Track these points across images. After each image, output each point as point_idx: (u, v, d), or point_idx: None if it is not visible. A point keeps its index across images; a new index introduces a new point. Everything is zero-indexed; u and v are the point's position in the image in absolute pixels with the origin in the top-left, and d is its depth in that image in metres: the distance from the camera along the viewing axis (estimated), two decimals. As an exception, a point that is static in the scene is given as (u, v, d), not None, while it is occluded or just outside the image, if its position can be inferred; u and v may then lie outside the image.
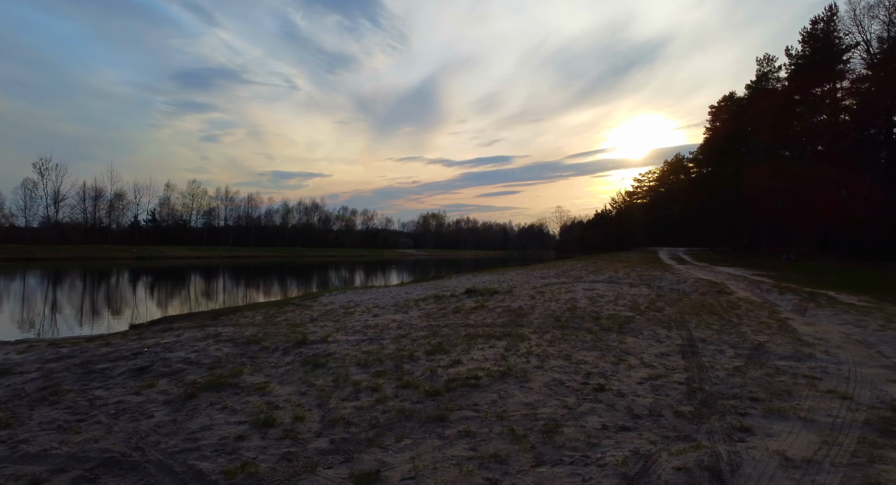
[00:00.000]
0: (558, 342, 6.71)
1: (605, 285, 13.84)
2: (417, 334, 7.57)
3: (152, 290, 27.19)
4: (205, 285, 31.00)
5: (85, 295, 23.35)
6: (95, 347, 6.99)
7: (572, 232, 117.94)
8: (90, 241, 77.99)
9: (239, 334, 7.70)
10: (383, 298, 13.72)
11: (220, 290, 27.96)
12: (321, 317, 10.13)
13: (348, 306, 11.77)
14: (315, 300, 13.81)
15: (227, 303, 19.66)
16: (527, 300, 11.14)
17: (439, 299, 12.12)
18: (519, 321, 8.55)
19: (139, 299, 21.70)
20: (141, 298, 22.23)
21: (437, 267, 62.27)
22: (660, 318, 8.59)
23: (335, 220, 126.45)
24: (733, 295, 11.74)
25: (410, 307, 11.01)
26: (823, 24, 37.61)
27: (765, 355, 5.70)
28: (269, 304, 14.50)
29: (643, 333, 7.25)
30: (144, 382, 5.01)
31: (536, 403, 4.16)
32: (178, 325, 11.14)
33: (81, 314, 16.93)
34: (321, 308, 11.93)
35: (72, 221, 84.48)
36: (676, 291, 12.57)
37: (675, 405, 4.00)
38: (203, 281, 34.32)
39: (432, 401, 4.26)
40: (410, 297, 13.26)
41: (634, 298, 11.01)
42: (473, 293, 12.67)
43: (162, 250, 76.42)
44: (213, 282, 33.80)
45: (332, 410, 4.09)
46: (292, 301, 14.18)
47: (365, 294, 14.99)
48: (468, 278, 19.55)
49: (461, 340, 7.03)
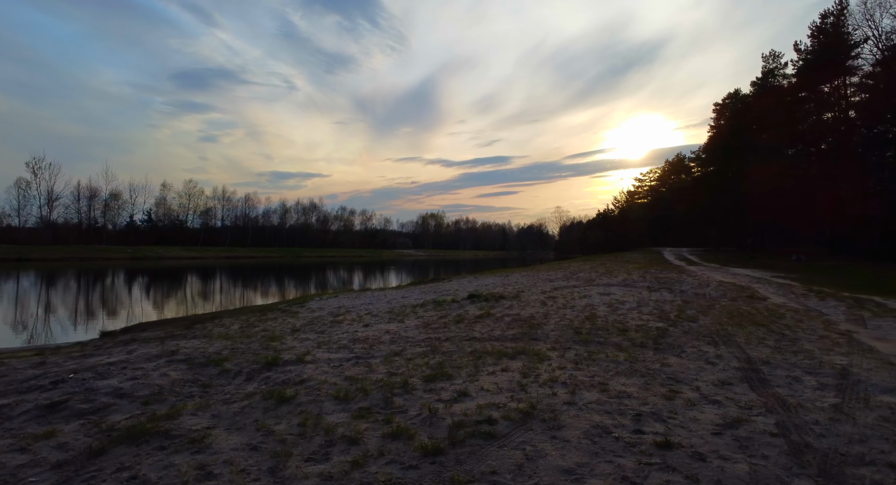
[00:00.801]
0: (586, 363, 5.46)
1: (621, 289, 12.59)
2: (414, 351, 6.32)
3: (140, 292, 25.91)
4: (195, 288, 29.72)
5: (65, 298, 22.07)
6: (21, 369, 5.73)
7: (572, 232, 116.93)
8: (85, 241, 76.68)
9: (200, 352, 6.45)
10: (378, 303, 12.48)
11: (210, 292, 26.68)
12: (305, 327, 8.88)
13: (338, 313, 10.52)
14: (303, 306, 12.56)
15: (213, 307, 18.40)
16: (538, 307, 9.89)
17: (439, 305, 10.88)
18: (533, 333, 7.31)
19: (121, 303, 20.41)
20: (123, 302, 20.95)
21: (437, 268, 61.01)
22: (698, 330, 7.34)
23: (333, 220, 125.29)
24: (767, 301, 10.50)
25: (407, 315, 9.77)
26: (833, 18, 36.45)
27: (859, 387, 4.45)
28: (252, 309, 13.25)
29: (686, 351, 6.00)
30: (46, 427, 3.75)
31: (580, 469, 2.91)
32: (148, 334, 9.93)
33: (51, 319, 15.65)
34: (308, 315, 10.68)
35: (66, 221, 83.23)
36: (702, 296, 11.33)
37: (786, 478, 2.75)
38: (195, 283, 33.03)
39: (431, 464, 3.01)
40: (407, 302, 12.01)
41: (659, 305, 9.77)
42: (477, 298, 11.42)
43: (157, 251, 75.09)
44: (205, 284, 32.52)
45: (289, 480, 2.84)
46: (278, 306, 12.92)
47: (358, 299, 13.74)
48: (469, 281, 18.30)
49: (466, 359, 5.78)
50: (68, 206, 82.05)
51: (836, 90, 36.35)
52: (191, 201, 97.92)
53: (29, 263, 49.91)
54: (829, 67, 34.40)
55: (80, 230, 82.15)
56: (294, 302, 13.90)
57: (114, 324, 14.82)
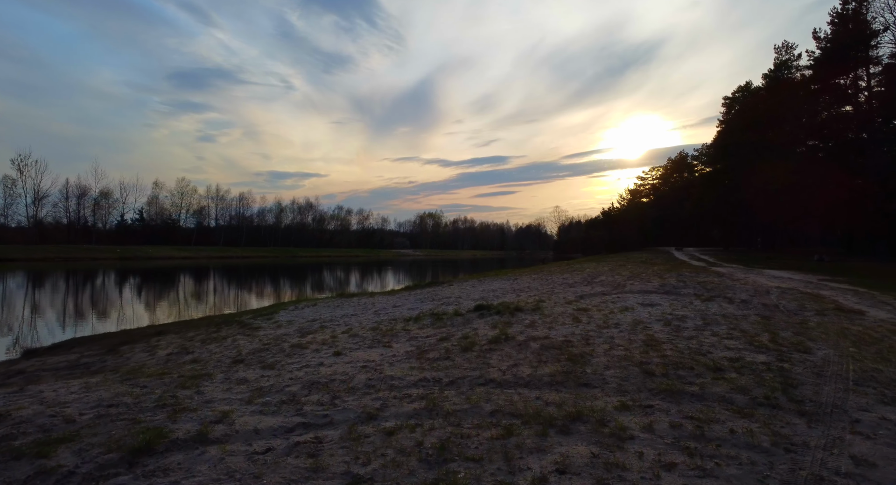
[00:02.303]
0: (700, 448, 3.03)
1: (665, 299, 10.14)
2: (399, 410, 3.90)
3: (105, 297, 23.39)
4: (170, 291, 27.22)
5: (13, 303, 19.53)
6: None
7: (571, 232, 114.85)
8: (73, 240, 74.21)
9: (52, 412, 3.99)
10: (363, 314, 10.04)
11: (182, 297, 24.17)
12: (254, 355, 6.43)
13: (307, 331, 8.08)
14: (270, 318, 10.12)
15: (174, 315, 15.93)
16: (571, 325, 7.44)
17: (438, 320, 8.43)
18: (579, 373, 4.86)
19: (72, 311, 17.90)
20: (84, 309, 18.45)
21: (434, 268, 58.53)
22: (831, 370, 4.89)
23: (330, 219, 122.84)
24: (867, 316, 8.06)
25: (396, 334, 7.32)
26: (855, 3, 34.26)
27: None
28: (209, 321, 10.79)
29: (861, 421, 3.57)
30: None
31: None
32: (57, 358, 7.55)
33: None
34: (269, 333, 8.23)
35: (55, 220, 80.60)
36: (774, 307, 8.89)
37: None
38: (173, 285, 30.52)
39: None
40: (399, 314, 9.57)
41: (734, 323, 7.32)
42: (487, 311, 8.96)
43: (147, 251, 72.55)
44: (184, 286, 30.00)
45: None
46: (239, 319, 10.47)
47: (340, 308, 11.29)
48: (473, 285, 15.82)
49: (487, 433, 3.35)
50: (56, 204, 79.39)
51: (857, 80, 34.08)
52: (184, 200, 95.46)
53: (10, 264, 47.30)
54: (850, 55, 32.15)
55: (69, 229, 79.55)
56: (262, 312, 11.43)
57: (52, 337, 12.41)
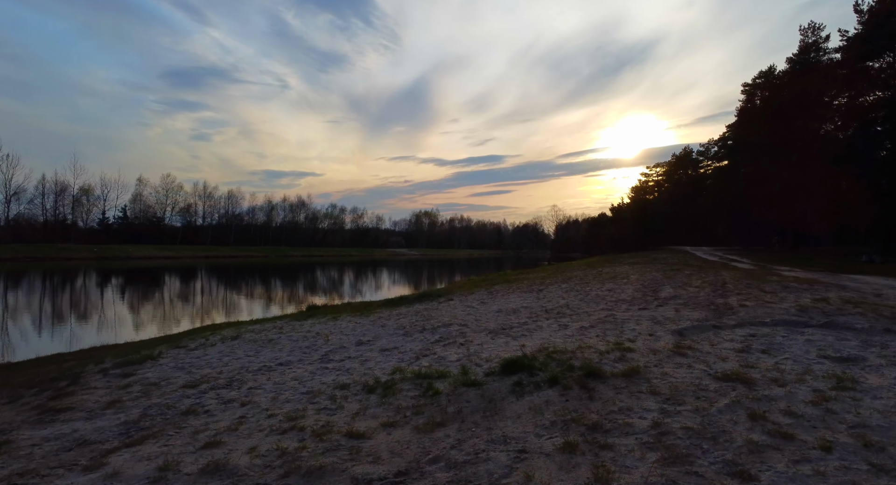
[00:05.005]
0: None
1: (830, 335, 6.24)
2: None
3: (46, 305, 19.39)
4: (108, 300, 23.18)
5: None
6: None
7: (569, 231, 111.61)
8: (50, 239, 69.93)
9: None
10: (308, 357, 6.18)
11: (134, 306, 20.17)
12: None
13: (143, 429, 4.16)
14: (126, 373, 6.18)
15: (105, 335, 12.01)
16: (743, 426, 3.55)
17: (431, 399, 4.54)
18: None
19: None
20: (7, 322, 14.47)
21: (430, 268, 54.78)
22: None
23: (323, 218, 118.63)
24: None
25: (336, 449, 3.43)
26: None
27: None
28: (70, 356, 6.86)
29: None
30: None
31: None
32: None
33: None
34: (54, 432, 4.32)
35: (30, 217, 76.21)
36: None
37: None
38: (124, 291, 26.52)
39: None
40: (356, 372, 5.65)
41: None
42: (528, 375, 4.77)
43: (126, 250, 68.42)
44: (134, 293, 25.95)
45: None
46: (73, 369, 6.50)
47: (270, 347, 7.37)
48: (482, 300, 11.71)
49: None
50: (33, 201, 74.99)
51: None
52: (169, 197, 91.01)
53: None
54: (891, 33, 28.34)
55: (45, 228, 75.25)
56: (130, 356, 7.39)
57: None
